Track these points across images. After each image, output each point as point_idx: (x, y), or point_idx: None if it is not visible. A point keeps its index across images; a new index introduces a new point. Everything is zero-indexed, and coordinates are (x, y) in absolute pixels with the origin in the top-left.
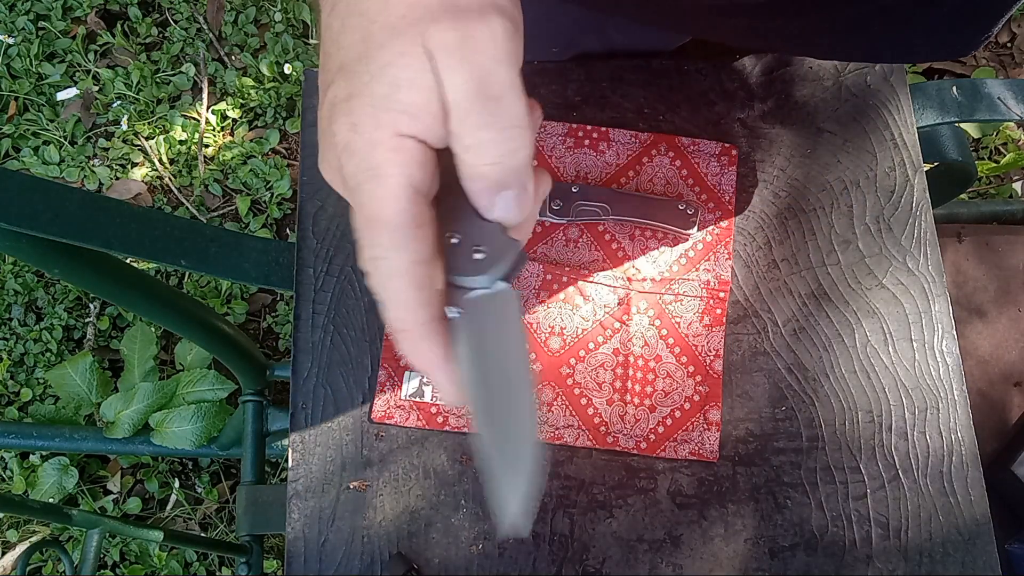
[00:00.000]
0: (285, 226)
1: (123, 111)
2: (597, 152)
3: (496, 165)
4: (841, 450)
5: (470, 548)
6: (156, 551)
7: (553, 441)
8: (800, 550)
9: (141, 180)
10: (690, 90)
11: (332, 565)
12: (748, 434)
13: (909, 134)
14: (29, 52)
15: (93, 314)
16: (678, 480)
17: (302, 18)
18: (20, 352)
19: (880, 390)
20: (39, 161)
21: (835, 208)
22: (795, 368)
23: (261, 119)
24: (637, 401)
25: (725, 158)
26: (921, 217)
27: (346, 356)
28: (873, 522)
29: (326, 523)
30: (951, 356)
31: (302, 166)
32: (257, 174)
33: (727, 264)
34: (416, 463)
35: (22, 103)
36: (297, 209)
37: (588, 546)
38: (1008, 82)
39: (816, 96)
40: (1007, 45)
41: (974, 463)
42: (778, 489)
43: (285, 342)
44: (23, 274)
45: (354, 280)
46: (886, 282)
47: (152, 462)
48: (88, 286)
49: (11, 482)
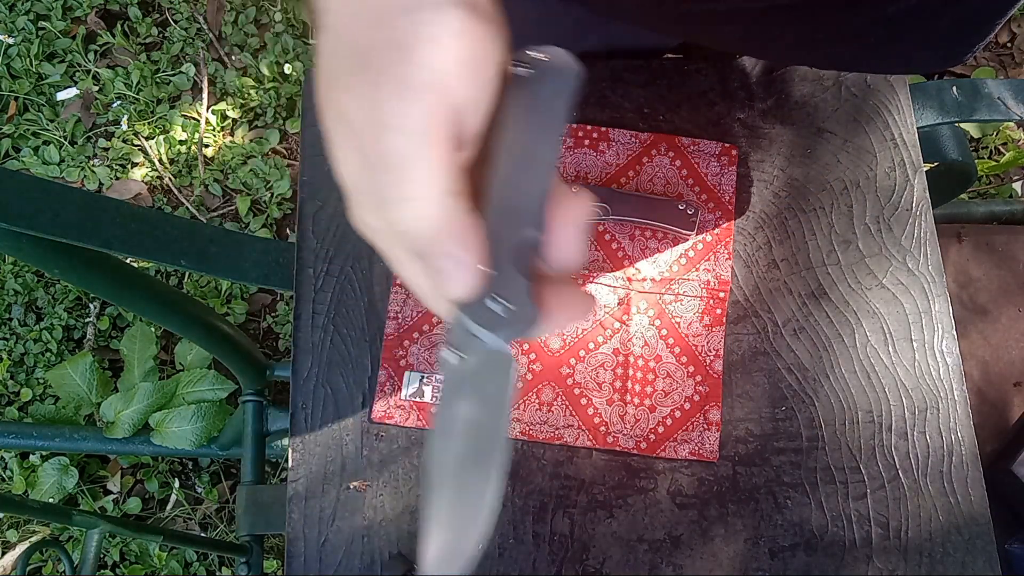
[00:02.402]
0: (285, 226)
1: (123, 111)
2: (597, 152)
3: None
4: (841, 450)
5: None
6: (156, 551)
7: (553, 441)
8: (800, 550)
9: (141, 180)
10: (690, 90)
11: (332, 565)
12: (748, 434)
13: (909, 134)
14: (29, 52)
15: (93, 314)
16: (678, 480)
17: (302, 18)
18: (20, 352)
19: (880, 390)
20: (39, 161)
21: (835, 208)
22: (795, 368)
23: (261, 119)
24: (637, 401)
25: (725, 158)
26: (921, 217)
27: (346, 356)
28: (873, 522)
29: (326, 523)
30: (951, 356)
31: (302, 166)
32: (257, 174)
33: (727, 264)
34: (416, 463)
35: (22, 103)
36: (297, 209)
37: (588, 546)
38: (1008, 82)
39: (816, 96)
40: (1007, 45)
41: (974, 463)
42: (778, 489)
43: (285, 342)
44: (23, 274)
45: (354, 280)
46: (886, 282)
47: (152, 462)
48: (88, 286)
49: (11, 482)
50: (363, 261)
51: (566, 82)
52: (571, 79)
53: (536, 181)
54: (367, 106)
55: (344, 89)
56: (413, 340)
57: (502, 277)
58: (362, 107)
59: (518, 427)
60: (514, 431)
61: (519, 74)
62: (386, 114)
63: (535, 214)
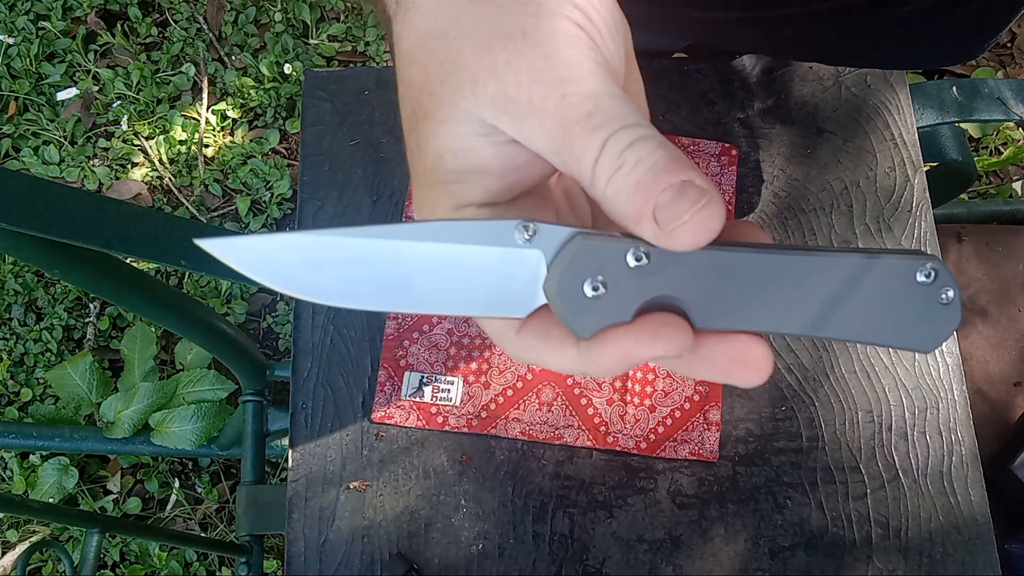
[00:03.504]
0: (285, 226)
1: (123, 111)
2: None
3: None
4: (841, 450)
5: (470, 548)
6: (156, 551)
7: (553, 441)
8: (800, 550)
9: (141, 180)
10: (690, 90)
11: (332, 565)
12: (748, 434)
13: (909, 134)
14: (29, 52)
15: (93, 314)
16: (678, 480)
17: (302, 18)
18: (20, 352)
19: (880, 390)
20: (39, 161)
21: (835, 208)
22: (795, 368)
23: (261, 119)
24: (637, 401)
25: (725, 158)
26: (921, 217)
27: (346, 356)
28: (873, 522)
29: (326, 523)
30: (951, 356)
31: (302, 166)
32: (257, 174)
33: None
34: (416, 463)
35: (22, 103)
36: (297, 209)
37: (588, 546)
38: (1008, 82)
39: (816, 96)
40: (1007, 45)
41: (974, 463)
42: (778, 489)
43: (285, 342)
44: (23, 274)
45: None
46: None
47: (152, 462)
48: (88, 286)
49: (11, 482)
50: None
51: (930, 338)
52: (938, 340)
53: (774, 320)
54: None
55: (473, 79)
56: (413, 340)
57: (623, 295)
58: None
59: (518, 427)
60: (514, 431)
61: (918, 279)
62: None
63: (718, 320)
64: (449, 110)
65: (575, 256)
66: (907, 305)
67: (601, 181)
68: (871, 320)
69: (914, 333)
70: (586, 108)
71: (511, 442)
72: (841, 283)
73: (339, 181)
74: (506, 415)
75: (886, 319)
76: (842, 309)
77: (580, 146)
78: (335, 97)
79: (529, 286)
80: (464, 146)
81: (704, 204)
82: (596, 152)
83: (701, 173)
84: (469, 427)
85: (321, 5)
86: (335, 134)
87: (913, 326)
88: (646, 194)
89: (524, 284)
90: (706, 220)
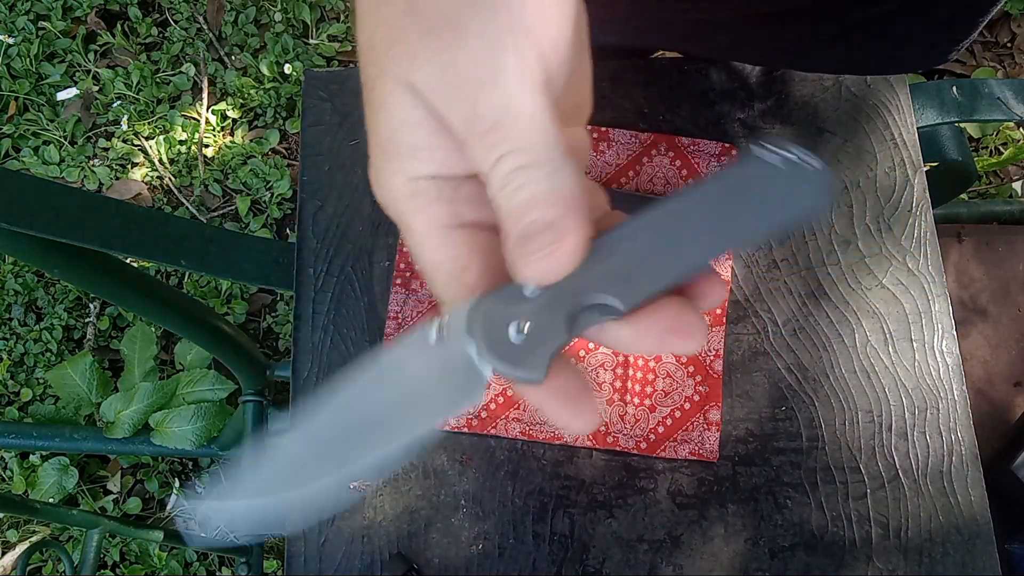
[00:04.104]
0: (285, 226)
1: (123, 111)
2: (597, 152)
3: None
4: (841, 450)
5: (470, 548)
6: (156, 551)
7: (553, 441)
8: (800, 550)
9: (141, 180)
10: (690, 90)
11: (332, 565)
12: (748, 434)
13: (909, 134)
14: (29, 52)
15: (93, 314)
16: (678, 480)
17: (302, 18)
18: (20, 352)
19: (880, 390)
20: (39, 161)
21: (835, 208)
22: (795, 368)
23: (261, 119)
24: (637, 401)
25: (725, 158)
26: (921, 217)
27: (346, 356)
28: (873, 522)
29: (326, 523)
30: (951, 356)
31: (302, 166)
32: (257, 174)
33: (727, 264)
34: (416, 463)
35: (22, 103)
36: (297, 209)
37: (588, 546)
38: (1008, 82)
39: (816, 96)
40: (1007, 45)
41: (974, 463)
42: (778, 489)
43: (285, 342)
44: (23, 274)
45: (354, 280)
46: (886, 282)
47: (152, 462)
48: (88, 286)
49: (11, 482)
50: (363, 261)
51: (810, 200)
52: (820, 201)
53: (680, 262)
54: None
55: (411, 56)
56: None
57: (546, 318)
58: (442, 69)
59: (518, 427)
60: (514, 431)
61: (761, 157)
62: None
63: (639, 290)
64: (391, 83)
65: (485, 314)
66: (777, 184)
67: (491, 190)
68: (759, 214)
69: (799, 200)
70: (489, 121)
71: (511, 442)
72: (716, 202)
73: (339, 181)
74: (506, 415)
75: (768, 205)
76: (729, 221)
77: (479, 157)
78: (335, 97)
79: (470, 368)
80: (414, 120)
81: (551, 251)
82: (487, 168)
83: (579, 209)
84: (469, 427)
85: (321, 5)
86: (335, 134)
87: (795, 196)
88: (512, 223)
89: (465, 370)
90: (549, 264)
